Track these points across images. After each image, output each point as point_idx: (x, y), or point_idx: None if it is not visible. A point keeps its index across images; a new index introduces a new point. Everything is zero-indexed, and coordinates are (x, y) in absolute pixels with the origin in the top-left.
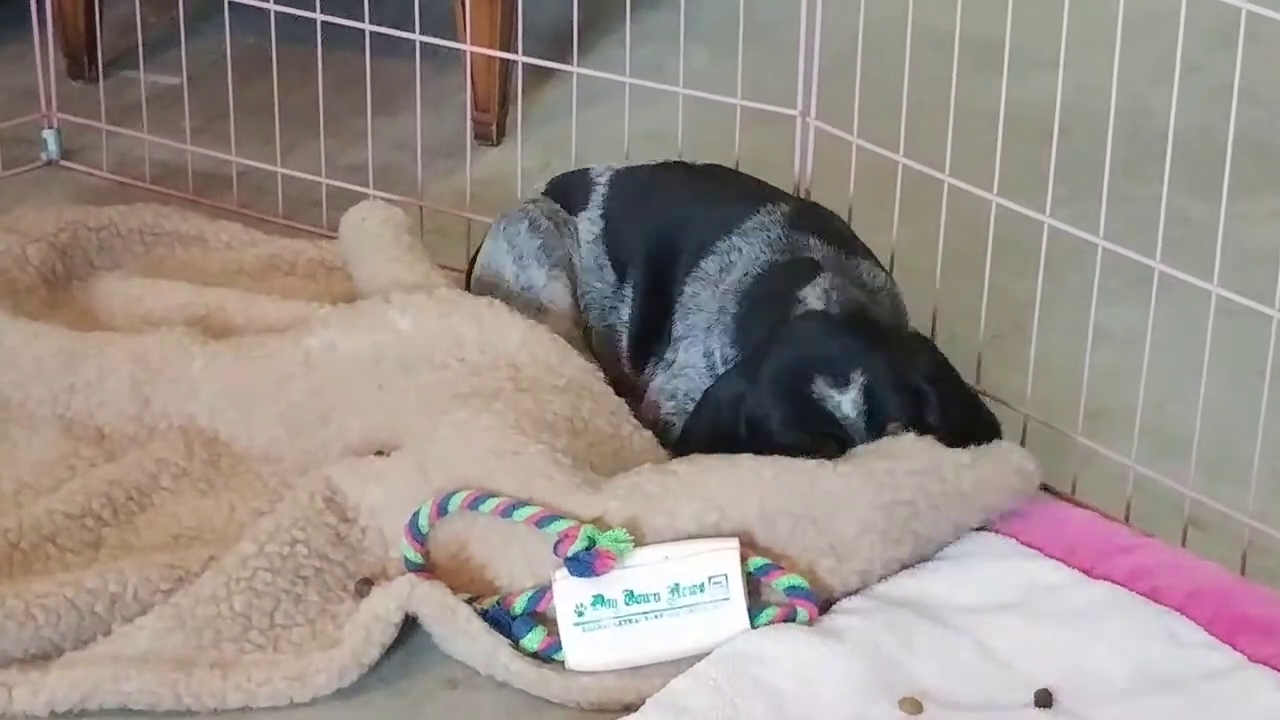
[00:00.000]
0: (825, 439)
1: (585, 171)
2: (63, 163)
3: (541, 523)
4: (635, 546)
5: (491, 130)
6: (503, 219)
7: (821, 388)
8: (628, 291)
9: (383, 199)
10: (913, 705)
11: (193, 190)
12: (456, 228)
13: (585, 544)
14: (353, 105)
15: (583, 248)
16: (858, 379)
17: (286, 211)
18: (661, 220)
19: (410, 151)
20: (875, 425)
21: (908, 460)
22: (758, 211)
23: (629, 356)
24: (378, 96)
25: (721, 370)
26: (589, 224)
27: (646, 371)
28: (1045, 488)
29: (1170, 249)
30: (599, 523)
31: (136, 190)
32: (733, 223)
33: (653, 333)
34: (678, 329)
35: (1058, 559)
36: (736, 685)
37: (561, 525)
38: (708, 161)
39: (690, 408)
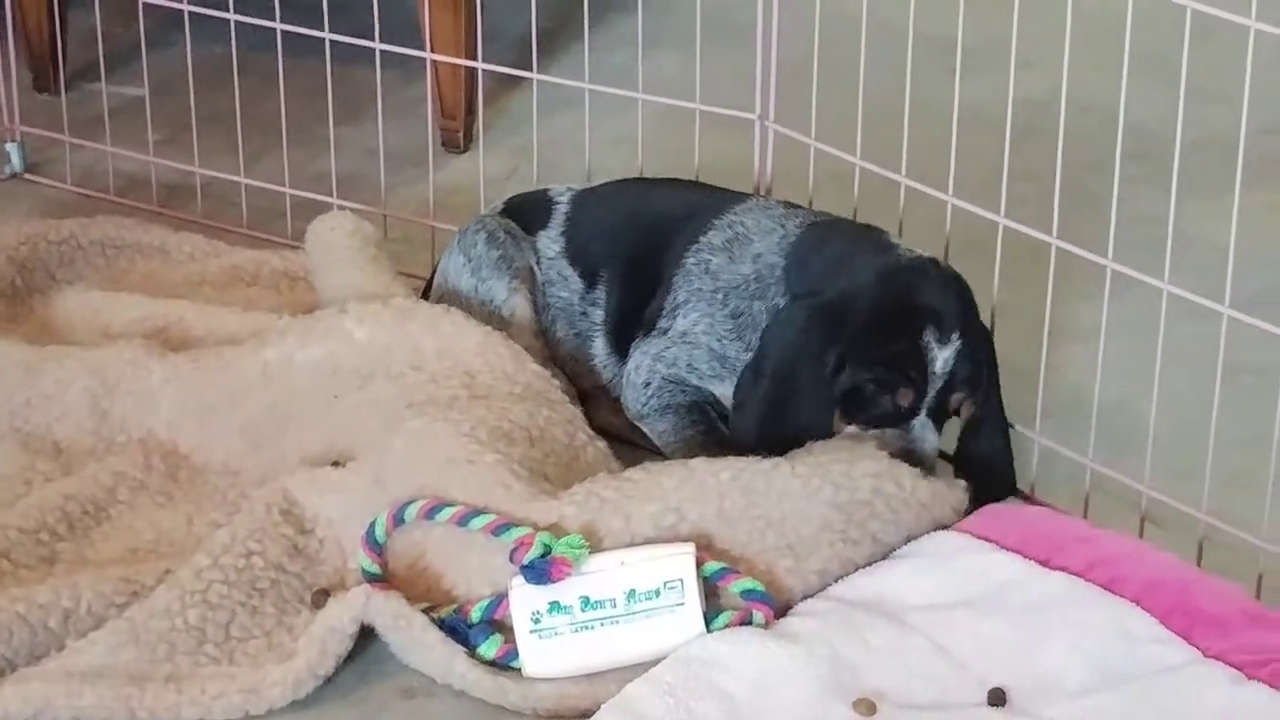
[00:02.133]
0: (909, 382)
1: (544, 191)
2: (27, 176)
3: (498, 531)
4: (591, 553)
5: (458, 137)
6: (459, 233)
7: (929, 337)
8: (599, 294)
9: (348, 208)
10: (867, 707)
11: (157, 202)
12: (422, 235)
13: (541, 551)
14: (320, 113)
15: (544, 263)
16: (955, 340)
17: (251, 222)
18: (641, 215)
19: (378, 159)
20: (946, 389)
21: (864, 462)
22: (750, 197)
23: (611, 344)
24: (346, 104)
25: (756, 329)
26: (549, 242)
27: (632, 346)
28: None
29: (1136, 246)
30: (555, 529)
31: (101, 203)
32: (729, 203)
33: (637, 314)
34: (678, 296)
35: (1013, 550)
36: (691, 689)
37: (518, 533)
38: (671, 165)
39: (691, 378)
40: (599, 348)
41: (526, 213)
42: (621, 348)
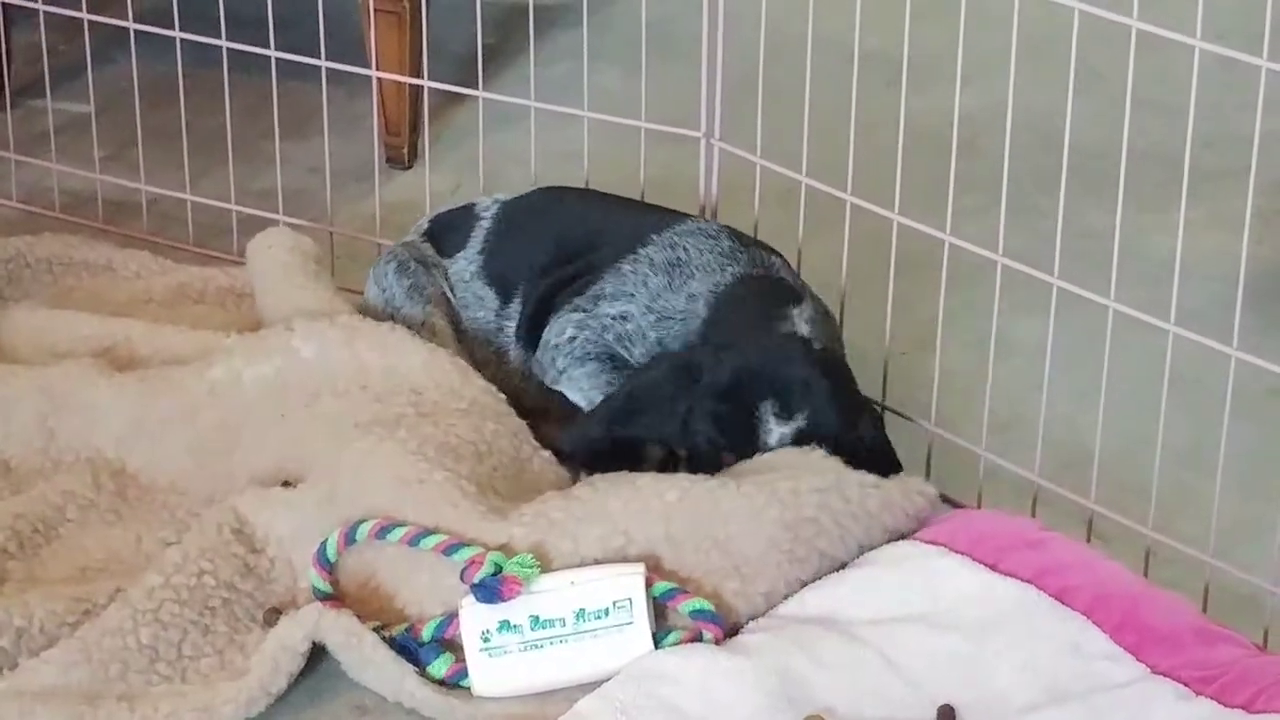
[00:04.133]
0: (735, 449)
1: (470, 207)
2: None
3: (449, 550)
4: (541, 572)
5: (403, 153)
6: (373, 266)
7: (766, 411)
8: (514, 307)
9: (292, 225)
10: None
11: (103, 219)
12: (368, 252)
13: (491, 570)
14: (266, 130)
15: (459, 287)
16: (799, 420)
17: (197, 239)
18: (570, 238)
19: (324, 176)
20: None
21: (811, 478)
22: (688, 219)
23: (523, 339)
24: (292, 120)
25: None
26: (465, 263)
27: (548, 325)
28: (950, 502)
29: (1079, 261)
30: (505, 549)
31: (46, 220)
32: (667, 222)
33: (548, 313)
34: (605, 288)
35: (962, 553)
36: (642, 706)
37: (468, 552)
38: (617, 179)
39: (618, 348)
40: (513, 354)
41: (448, 232)
42: (532, 343)
